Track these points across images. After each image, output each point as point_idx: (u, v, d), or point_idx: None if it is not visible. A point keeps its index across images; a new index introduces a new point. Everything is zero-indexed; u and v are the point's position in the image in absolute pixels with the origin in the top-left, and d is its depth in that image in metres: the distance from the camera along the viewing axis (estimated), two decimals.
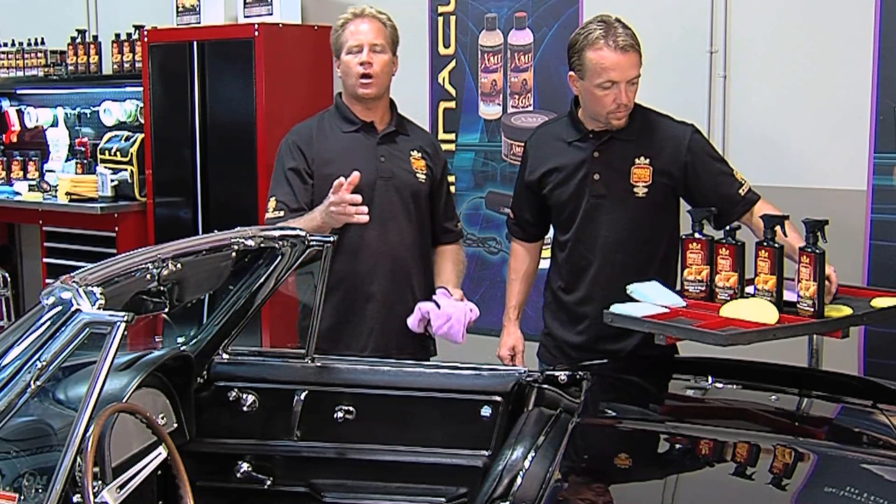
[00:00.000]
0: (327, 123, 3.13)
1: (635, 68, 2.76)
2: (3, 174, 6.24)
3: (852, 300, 2.71)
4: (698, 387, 2.66)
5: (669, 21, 3.98)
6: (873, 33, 3.51)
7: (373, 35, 3.04)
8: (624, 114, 2.81)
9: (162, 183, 5.33)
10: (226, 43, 4.95)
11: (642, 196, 2.85)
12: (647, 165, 2.85)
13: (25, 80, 6.27)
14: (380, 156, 3.06)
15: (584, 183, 2.87)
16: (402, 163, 3.09)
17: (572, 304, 2.95)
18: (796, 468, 2.15)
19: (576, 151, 2.89)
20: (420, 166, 3.12)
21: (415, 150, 3.14)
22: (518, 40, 4.39)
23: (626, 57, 2.73)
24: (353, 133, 3.09)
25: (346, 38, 3.06)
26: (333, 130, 3.11)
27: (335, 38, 3.10)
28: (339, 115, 3.13)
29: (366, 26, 3.05)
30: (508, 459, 2.14)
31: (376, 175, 3.02)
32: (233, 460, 2.74)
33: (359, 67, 3.02)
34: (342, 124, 3.11)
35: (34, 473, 1.98)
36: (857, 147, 3.58)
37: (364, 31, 3.04)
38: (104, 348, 1.77)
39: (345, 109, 3.12)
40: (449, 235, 3.22)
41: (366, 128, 3.09)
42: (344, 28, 3.07)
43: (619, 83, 2.74)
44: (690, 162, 2.87)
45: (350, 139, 3.08)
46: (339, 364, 2.78)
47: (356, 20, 3.07)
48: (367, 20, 3.06)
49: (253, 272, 2.71)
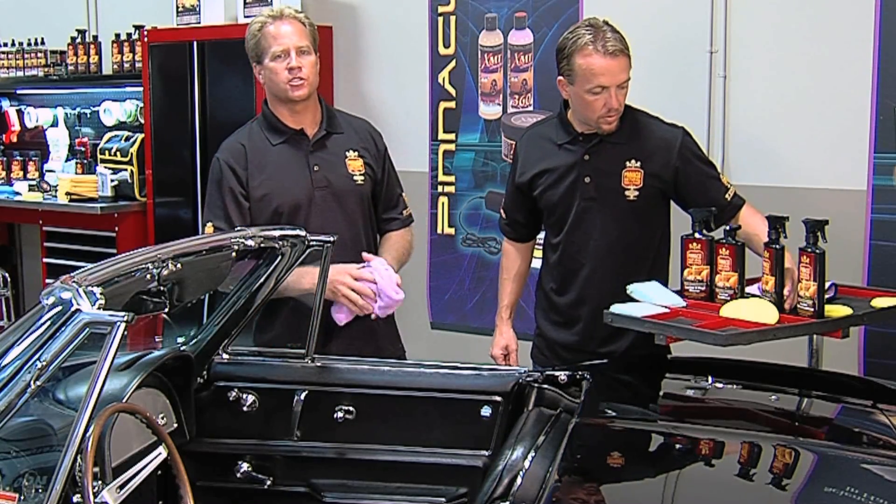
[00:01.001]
0: (257, 136, 3.01)
1: (625, 72, 2.75)
2: (3, 174, 6.24)
3: (852, 300, 2.71)
4: (698, 387, 2.66)
5: (669, 21, 3.98)
6: (873, 33, 3.51)
7: (297, 38, 2.92)
8: (614, 118, 2.80)
9: (162, 183, 5.33)
10: (226, 43, 4.95)
11: (633, 199, 2.85)
12: (638, 169, 2.84)
13: (25, 80, 6.27)
14: (313, 165, 2.97)
15: (575, 186, 2.87)
16: (337, 168, 2.99)
17: (564, 305, 2.96)
18: (796, 468, 2.15)
19: (566, 154, 2.89)
20: (357, 167, 3.01)
21: (350, 150, 3.03)
22: (518, 40, 4.39)
23: (616, 62, 2.72)
24: (282, 145, 2.98)
25: (268, 42, 2.92)
26: (264, 143, 2.98)
27: (254, 43, 2.96)
28: (268, 125, 3.01)
29: (288, 28, 2.93)
30: (508, 459, 2.14)
31: (311, 188, 2.95)
32: (233, 460, 2.74)
33: (287, 73, 2.91)
34: (272, 135, 2.99)
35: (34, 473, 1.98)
36: (857, 147, 3.58)
37: (287, 33, 2.92)
38: (104, 348, 1.77)
39: (272, 119, 3.00)
40: (393, 223, 3.13)
41: (296, 137, 2.99)
42: (263, 32, 2.94)
43: (608, 88, 2.73)
44: (681, 166, 2.86)
45: (280, 153, 2.97)
46: (339, 364, 2.78)
47: (276, 23, 2.93)
48: (288, 22, 2.94)
49: (253, 272, 2.71)
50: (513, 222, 3.11)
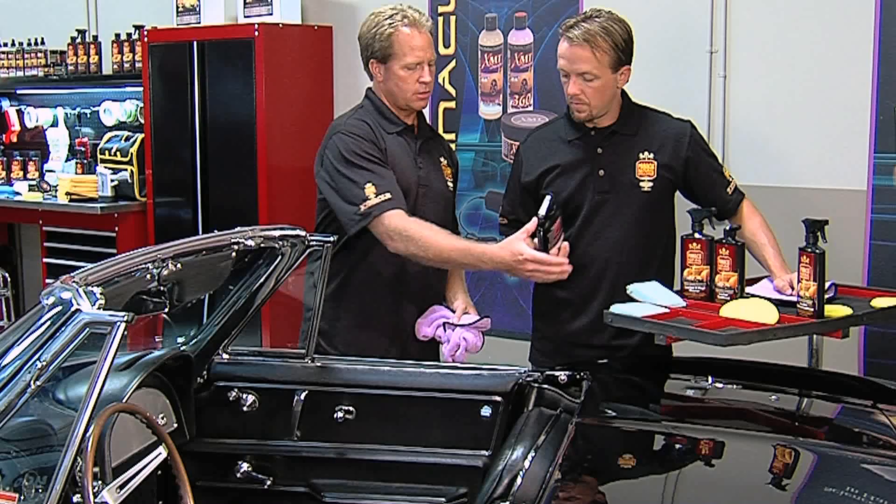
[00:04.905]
0: (372, 121, 2.94)
1: (585, 63, 2.78)
2: (3, 174, 6.24)
3: (852, 300, 2.72)
4: (698, 387, 2.66)
5: (669, 21, 3.98)
6: (873, 33, 3.51)
7: (430, 50, 2.91)
8: (579, 106, 2.84)
9: (162, 183, 5.33)
10: (226, 43, 4.95)
11: (647, 190, 2.87)
12: (652, 160, 2.86)
13: (25, 80, 6.27)
14: (419, 162, 2.97)
15: (588, 180, 2.87)
16: (436, 171, 3.01)
17: (574, 300, 2.94)
18: (796, 468, 2.15)
19: (576, 149, 2.90)
20: (448, 174, 3.05)
21: (442, 156, 3.06)
22: (518, 40, 4.39)
23: (572, 50, 2.78)
24: (395, 136, 2.95)
25: (401, 49, 2.87)
26: (379, 130, 2.93)
27: (381, 43, 2.89)
28: (380, 114, 2.96)
29: (421, 41, 2.89)
30: (508, 459, 2.14)
31: (417, 184, 2.93)
32: (233, 460, 2.74)
33: (419, 86, 2.90)
34: (385, 124, 2.95)
35: (34, 473, 1.98)
36: (857, 147, 3.58)
37: (421, 46, 2.88)
38: (104, 348, 1.77)
39: (386, 110, 2.97)
40: None
41: (408, 131, 2.98)
42: (396, 36, 2.88)
43: (570, 75, 2.80)
44: (692, 156, 2.90)
45: (394, 142, 2.94)
46: (339, 364, 2.78)
47: (411, 31, 2.88)
48: (423, 32, 2.90)
49: (253, 272, 2.71)
50: (514, 223, 3.09)
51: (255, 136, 4.82)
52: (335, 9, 4.94)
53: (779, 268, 2.81)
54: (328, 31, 4.98)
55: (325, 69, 4.99)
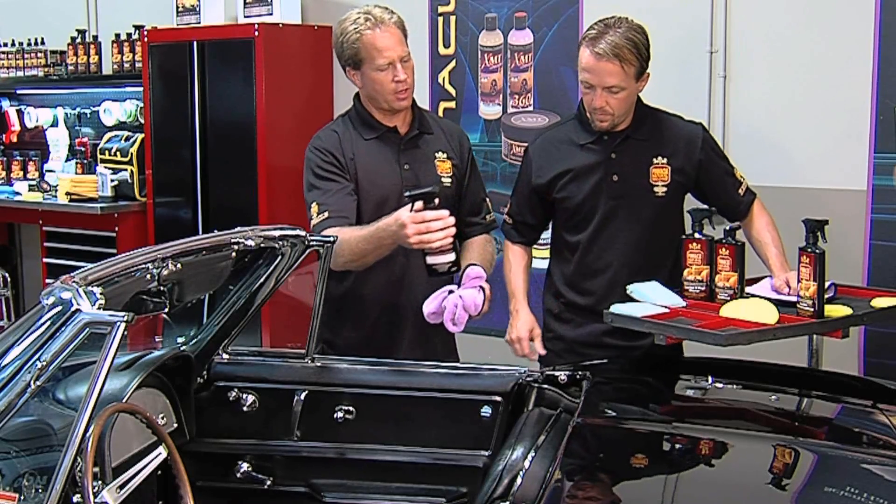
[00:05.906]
0: (349, 129, 2.93)
1: (613, 77, 2.72)
2: (3, 174, 6.24)
3: (852, 300, 2.71)
4: (698, 387, 2.66)
5: (669, 21, 3.98)
6: (873, 33, 3.51)
7: (400, 47, 2.83)
8: (603, 117, 2.80)
9: (162, 183, 5.33)
10: (226, 43, 4.96)
11: (661, 195, 2.86)
12: (665, 164, 2.85)
13: (25, 80, 6.27)
14: (403, 164, 2.90)
15: (601, 185, 2.86)
16: (427, 168, 2.93)
17: (587, 304, 2.93)
18: (796, 468, 2.15)
19: (589, 154, 2.88)
20: (445, 169, 2.96)
21: (439, 151, 2.98)
22: (518, 40, 4.40)
23: (601, 65, 2.72)
24: (374, 140, 2.91)
25: (369, 53, 2.82)
26: (356, 136, 2.91)
27: (352, 51, 2.84)
28: (360, 120, 2.93)
29: (390, 39, 2.82)
30: (508, 459, 2.14)
31: (401, 185, 2.86)
32: (233, 460, 2.74)
33: (394, 85, 2.83)
34: (364, 130, 2.92)
35: (34, 473, 1.98)
36: (857, 147, 3.59)
37: (389, 46, 2.81)
38: (104, 348, 1.77)
39: (365, 115, 2.93)
40: (476, 228, 3.05)
41: (388, 134, 2.92)
42: (362, 41, 2.81)
43: (595, 87, 2.75)
44: (704, 159, 2.90)
45: (372, 147, 2.90)
46: (339, 364, 2.78)
47: (375, 31, 2.81)
48: (388, 30, 2.82)
49: (253, 272, 2.71)
50: (521, 226, 3.08)
51: (254, 136, 4.83)
52: (335, 9, 4.94)
53: (778, 267, 2.81)
54: (328, 31, 4.98)
55: (325, 69, 4.99)
